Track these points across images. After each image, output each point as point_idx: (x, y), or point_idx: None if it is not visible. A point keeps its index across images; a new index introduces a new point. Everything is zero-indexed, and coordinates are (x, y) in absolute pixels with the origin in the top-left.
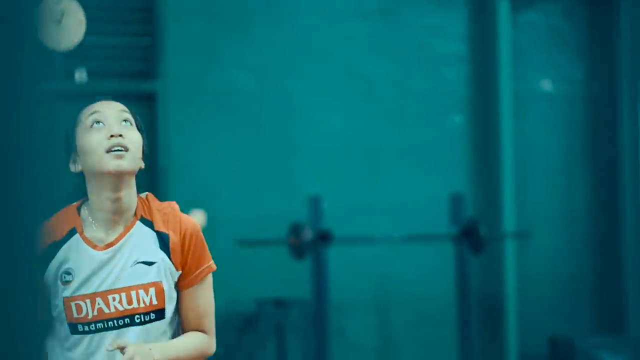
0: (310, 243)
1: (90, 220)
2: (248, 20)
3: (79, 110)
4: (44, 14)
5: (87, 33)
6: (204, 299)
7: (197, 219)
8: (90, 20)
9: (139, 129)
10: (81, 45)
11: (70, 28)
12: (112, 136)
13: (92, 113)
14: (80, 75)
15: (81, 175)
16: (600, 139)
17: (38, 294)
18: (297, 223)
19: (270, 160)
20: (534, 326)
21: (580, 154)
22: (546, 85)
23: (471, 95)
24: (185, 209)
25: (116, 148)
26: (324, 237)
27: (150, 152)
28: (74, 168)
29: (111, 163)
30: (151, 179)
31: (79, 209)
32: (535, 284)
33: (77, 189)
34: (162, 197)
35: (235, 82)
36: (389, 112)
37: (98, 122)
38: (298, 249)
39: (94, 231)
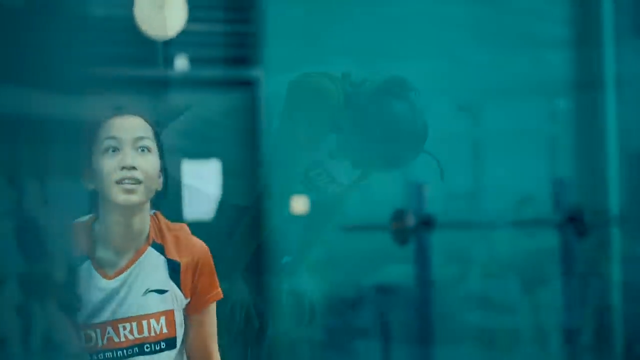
0: (413, 229)
1: (101, 240)
2: (349, 4)
3: (103, 120)
4: (146, 1)
5: (188, 20)
6: (210, 325)
7: (298, 206)
8: (191, 6)
9: (158, 147)
10: (182, 32)
11: (172, 15)
12: (124, 168)
13: (107, 137)
14: (182, 63)
15: (94, 191)
16: None
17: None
18: (401, 209)
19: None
20: None
21: None
22: None
23: (575, 79)
24: (287, 197)
25: (127, 181)
26: (427, 223)
27: (252, 139)
28: (87, 185)
29: (120, 196)
30: (252, 169)
31: (93, 225)
32: None
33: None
34: (264, 187)
35: (336, 67)
36: (491, 97)
37: (113, 149)
38: (401, 235)
39: (104, 254)
